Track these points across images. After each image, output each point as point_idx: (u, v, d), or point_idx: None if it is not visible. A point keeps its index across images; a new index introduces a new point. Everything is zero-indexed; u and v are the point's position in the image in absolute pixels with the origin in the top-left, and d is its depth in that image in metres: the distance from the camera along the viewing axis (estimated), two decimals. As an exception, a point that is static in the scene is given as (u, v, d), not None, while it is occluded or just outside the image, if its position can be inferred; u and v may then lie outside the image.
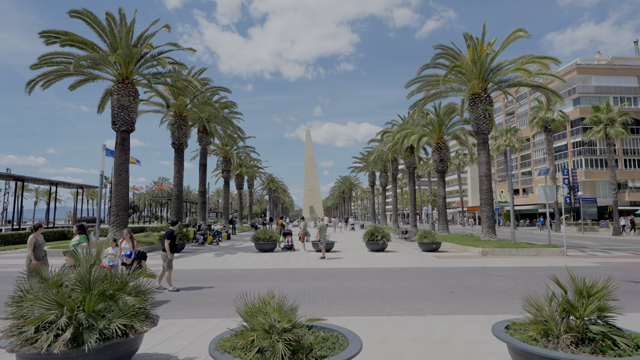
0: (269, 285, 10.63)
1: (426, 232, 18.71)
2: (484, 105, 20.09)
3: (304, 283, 10.79)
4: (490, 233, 19.78)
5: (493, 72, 20.36)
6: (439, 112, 27.83)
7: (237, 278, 11.85)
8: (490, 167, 20.24)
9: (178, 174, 26.78)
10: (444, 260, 15.47)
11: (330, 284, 10.52)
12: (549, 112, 39.58)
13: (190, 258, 16.53)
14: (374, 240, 18.13)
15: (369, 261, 15.43)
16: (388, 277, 11.81)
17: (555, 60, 17.93)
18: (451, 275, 12.12)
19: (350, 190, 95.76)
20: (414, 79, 21.70)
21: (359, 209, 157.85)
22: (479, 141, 20.54)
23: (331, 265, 14.51)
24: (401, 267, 14.02)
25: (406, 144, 29.54)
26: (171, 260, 9.52)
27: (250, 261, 15.56)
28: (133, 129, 19.72)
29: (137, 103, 19.76)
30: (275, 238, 18.53)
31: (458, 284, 10.46)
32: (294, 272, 13.04)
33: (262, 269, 13.69)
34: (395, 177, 44.33)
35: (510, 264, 14.55)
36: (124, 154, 19.22)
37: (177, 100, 25.97)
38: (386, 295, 8.98)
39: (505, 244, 17.72)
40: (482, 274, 12.40)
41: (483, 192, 20.12)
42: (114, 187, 19.02)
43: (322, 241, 16.38)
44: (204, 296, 9.13)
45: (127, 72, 19.36)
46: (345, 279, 11.50)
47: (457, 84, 21.26)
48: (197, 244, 22.64)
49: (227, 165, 44.02)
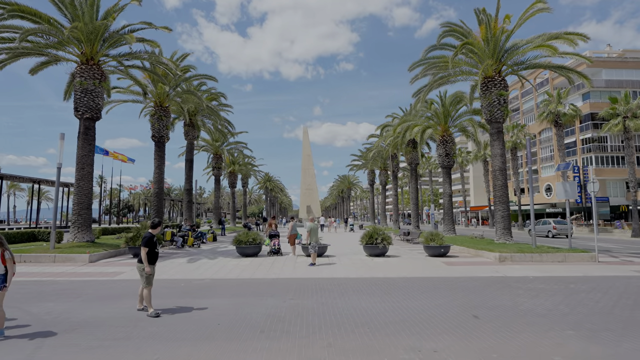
0: (238, 304, 8.27)
1: (433, 234, 16.31)
2: (498, 89, 17.68)
3: (283, 300, 8.41)
4: (505, 235, 17.36)
5: (508, 53, 17.94)
6: (444, 102, 25.34)
7: (203, 292, 9.47)
8: (505, 160, 17.84)
9: (158, 169, 24.37)
10: (455, 269, 13.08)
11: (315, 303, 8.12)
12: (559, 105, 37.17)
13: (157, 264, 14.11)
14: (373, 244, 15.73)
15: (366, 269, 13.03)
16: (390, 291, 9.41)
17: (584, 36, 15.51)
18: (468, 289, 9.72)
19: (349, 190, 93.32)
20: (419, 60, 19.22)
21: (359, 208, 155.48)
22: (492, 131, 18.11)
23: (321, 274, 12.12)
24: (405, 276, 11.63)
25: (408, 138, 27.08)
26: (150, 274, 7.25)
27: (227, 269, 13.18)
28: (99, 117, 17.30)
29: (103, 87, 17.34)
30: (260, 241, 16.13)
31: (480, 303, 8.07)
32: (274, 283, 10.65)
33: (237, 280, 11.30)
34: (396, 175, 41.89)
35: (536, 273, 12.18)
36: (87, 144, 16.79)
37: (157, 88, 23.57)
38: (388, 323, 6.59)
39: (525, 248, 15.32)
40: (506, 287, 10.02)
41: (497, 189, 17.69)
42: (76, 183, 16.58)
43: (312, 245, 13.98)
44: (129, 328, 6.69)
45: (92, 51, 16.95)
46: (336, 294, 9.11)
47: (467, 66, 18.78)
48: (175, 246, 20.26)
49: (218, 162, 41.58)
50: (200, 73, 25.06)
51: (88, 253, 14.27)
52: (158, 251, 7.54)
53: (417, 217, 33.26)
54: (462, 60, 18.61)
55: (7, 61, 16.70)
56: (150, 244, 7.28)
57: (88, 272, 12.54)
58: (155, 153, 24.48)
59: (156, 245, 7.43)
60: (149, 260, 7.26)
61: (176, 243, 20.14)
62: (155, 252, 7.40)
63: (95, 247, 15.76)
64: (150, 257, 7.30)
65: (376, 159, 45.51)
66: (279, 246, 16.53)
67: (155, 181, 24.29)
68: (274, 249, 16.41)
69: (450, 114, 25.68)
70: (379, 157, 44.78)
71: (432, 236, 16.10)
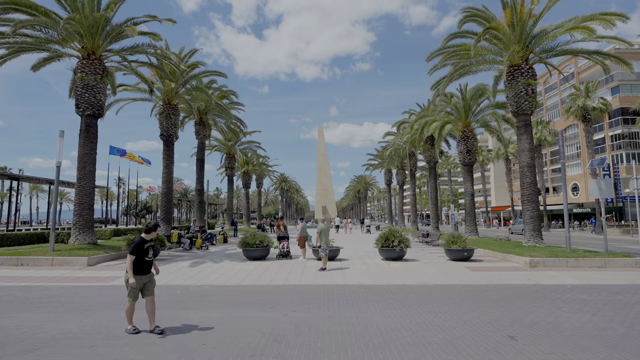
0: (232, 317, 7.26)
1: (455, 236, 15.00)
2: (525, 78, 16.20)
3: (284, 313, 7.35)
4: (535, 237, 15.86)
5: (536, 39, 16.44)
6: (465, 95, 23.82)
7: (198, 302, 8.51)
8: (534, 155, 16.33)
9: (167, 169, 23.71)
10: (481, 275, 11.77)
11: (321, 317, 7.04)
12: (588, 99, 35.02)
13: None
14: (389, 247, 14.53)
15: (382, 274, 11.86)
16: (408, 302, 8.24)
17: (623, 16, 13.94)
18: (498, 300, 8.45)
19: (366, 190, 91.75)
20: (438, 49, 17.87)
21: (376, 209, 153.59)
22: (518, 124, 16.62)
23: (332, 280, 11.03)
24: (425, 284, 10.42)
25: (426, 134, 25.64)
26: (135, 287, 6.04)
27: (230, 274, 12.23)
28: (101, 114, 16.66)
29: (105, 83, 16.69)
30: (268, 243, 15.15)
31: (515, 319, 6.83)
32: (279, 291, 9.62)
33: (238, 287, 10.31)
34: (414, 174, 40.36)
35: (573, 280, 10.78)
36: (89, 142, 16.14)
37: (164, 85, 22.92)
38: (407, 346, 5.44)
39: (558, 252, 13.84)
40: (542, 297, 8.71)
41: (525, 186, 16.20)
42: (77, 182, 15.95)
43: (323, 248, 12.89)
44: (97, 349, 5.72)
45: (94, 45, 16.31)
46: (346, 305, 8.00)
47: (490, 54, 17.32)
48: (182, 249, 19.49)
49: (231, 162, 40.94)
50: (210, 69, 24.28)
51: (87, 256, 13.56)
52: (151, 259, 6.26)
53: (437, 217, 31.77)
54: (484, 48, 17.18)
55: (7, 57, 16.22)
56: (139, 251, 6.10)
57: (83, 276, 11.78)
58: (163, 152, 23.83)
59: (147, 253, 6.19)
60: (137, 270, 6.10)
61: (183, 245, 19.38)
62: (146, 261, 6.18)
63: (97, 249, 15.08)
64: (139, 267, 6.13)
65: (393, 158, 44.08)
66: (288, 249, 15.52)
67: (163, 181, 23.64)
68: (282, 252, 15.41)
69: (472, 108, 24.13)
70: (396, 156, 43.35)
71: (454, 238, 14.79)
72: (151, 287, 6.30)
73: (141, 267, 6.14)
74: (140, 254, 6.12)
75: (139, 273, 6.10)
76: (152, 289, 6.32)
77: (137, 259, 6.08)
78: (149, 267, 6.29)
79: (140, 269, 6.13)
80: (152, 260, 6.33)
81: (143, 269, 6.17)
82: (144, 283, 6.20)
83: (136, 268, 6.09)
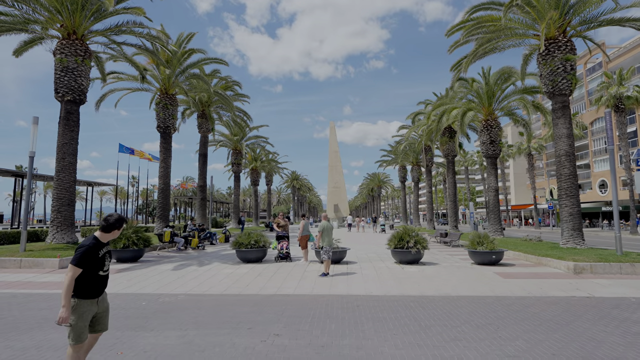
0: (192, 344, 5.42)
1: (480, 236, 12.88)
2: (563, 53, 13.94)
3: (263, 338, 5.48)
4: (575, 238, 13.59)
5: (574, 8, 14.14)
6: (488, 80, 21.46)
7: (160, 318, 6.69)
8: (573, 142, 14.02)
9: (164, 163, 22.15)
10: (516, 283, 9.67)
11: (310, 346, 5.12)
12: (622, 87, 32.14)
13: (134, 272, 11.60)
14: (404, 248, 12.50)
15: (395, 282, 9.88)
16: (429, 322, 6.26)
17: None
18: (549, 321, 6.39)
19: (380, 188, 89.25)
20: (459, 22, 15.65)
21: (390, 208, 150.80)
22: (555, 106, 14.36)
23: (334, 289, 9.10)
24: (448, 294, 8.41)
25: (445, 124, 23.39)
26: (78, 322, 3.58)
27: (216, 279, 10.42)
28: (83, 100, 15.08)
29: (88, 65, 15.10)
30: (265, 243, 13.30)
31: (582, 354, 4.81)
32: (266, 303, 7.75)
33: (219, 296, 8.49)
34: (430, 170, 38.03)
35: (636, 292, 8.61)
36: (69, 131, 14.59)
37: (160, 72, 21.33)
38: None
39: (608, 256, 11.60)
40: (607, 317, 6.61)
41: (563, 178, 13.93)
42: (55, 175, 14.42)
43: (325, 249, 10.96)
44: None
45: (75, 24, 14.75)
46: (348, 326, 6.07)
47: (521, 28, 15.03)
48: (175, 249, 17.84)
49: (237, 158, 39.35)
50: (210, 57, 22.54)
51: (59, 257, 11.96)
52: (107, 273, 3.85)
53: (455, 216, 29.47)
54: (514, 20, 14.93)
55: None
56: (89, 260, 3.60)
57: (47, 281, 10.15)
58: (160, 145, 22.29)
59: (103, 264, 3.76)
60: (85, 291, 3.62)
61: (177, 244, 17.72)
62: (99, 278, 3.74)
63: (73, 249, 13.48)
64: (90, 286, 3.65)
65: (407, 153, 41.81)
66: (287, 250, 13.64)
67: (160, 176, 22.09)
68: (281, 253, 13.55)
69: (495, 95, 21.79)
70: (411, 151, 41.07)
71: (479, 239, 12.68)
72: (106, 318, 3.95)
73: (92, 287, 3.68)
74: (91, 266, 3.63)
75: (87, 296, 3.65)
76: (107, 321, 3.98)
77: (85, 274, 3.59)
78: (103, 286, 3.85)
79: (91, 289, 3.67)
80: (108, 275, 3.90)
81: (95, 289, 3.71)
82: (95, 312, 3.76)
83: (84, 288, 3.61)
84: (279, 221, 14.29)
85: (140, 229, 13.64)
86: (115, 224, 3.80)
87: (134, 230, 13.31)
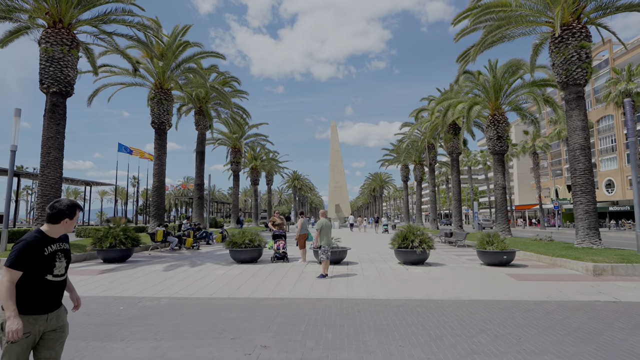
0: (164, 357, 4.67)
1: (490, 235, 12.05)
2: (577, 40, 13.12)
3: (246, 352, 4.69)
4: (591, 237, 12.75)
5: (589, -8, 13.30)
6: (495, 73, 20.60)
7: (135, 325, 5.91)
8: (588, 134, 13.19)
9: (159, 160, 21.40)
10: (532, 286, 8.85)
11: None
12: (631, 83, 31.25)
13: (119, 274, 10.82)
14: (408, 248, 11.69)
15: (399, 284, 9.07)
16: (440, 331, 5.45)
17: None
18: (577, 330, 5.57)
19: (382, 188, 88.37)
20: (467, 9, 14.74)
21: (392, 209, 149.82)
22: (568, 97, 13.51)
23: (332, 292, 8.29)
24: (458, 298, 7.60)
25: (450, 119, 22.54)
26: (17, 339, 2.45)
27: (205, 281, 9.64)
28: (70, 92, 14.33)
29: (75, 56, 14.36)
30: (260, 243, 12.51)
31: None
32: (256, 308, 6.95)
33: (206, 300, 7.69)
34: (433, 169, 37.17)
35: (667, 296, 7.78)
36: (54, 124, 13.84)
37: (154, 66, 20.60)
38: None
39: (630, 256, 10.76)
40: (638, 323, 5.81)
41: (578, 174, 13.08)
42: (40, 171, 13.67)
43: (324, 249, 10.15)
44: None
45: (61, 12, 14.03)
46: (346, 336, 5.26)
47: (532, 14, 14.17)
48: (168, 249, 17.07)
49: (236, 156, 38.58)
50: (206, 50, 21.78)
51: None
52: (62, 279, 2.77)
53: (460, 215, 28.62)
54: (524, 6, 14.11)
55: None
56: (30, 260, 2.55)
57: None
58: (155, 142, 21.54)
59: (52, 265, 2.67)
60: (28, 304, 2.59)
61: (170, 244, 16.95)
62: (48, 284, 2.66)
63: (58, 249, 12.72)
64: (34, 296, 2.61)
65: (410, 152, 40.96)
66: (284, 250, 12.84)
67: (155, 173, 21.34)
68: (278, 253, 12.75)
69: (502, 88, 20.94)
70: (413, 150, 40.22)
71: (489, 238, 11.85)
72: (58, 342, 2.78)
73: (37, 297, 2.63)
74: (34, 268, 2.59)
75: (30, 310, 2.60)
76: (60, 347, 2.80)
77: (26, 280, 2.58)
78: (56, 296, 2.77)
79: (36, 299, 2.63)
80: (65, 281, 2.88)
81: (42, 300, 2.66)
82: (42, 332, 2.67)
83: (25, 299, 2.59)
84: (275, 219, 13.51)
85: (129, 228, 12.86)
86: (65, 211, 2.76)
87: (122, 229, 12.54)
